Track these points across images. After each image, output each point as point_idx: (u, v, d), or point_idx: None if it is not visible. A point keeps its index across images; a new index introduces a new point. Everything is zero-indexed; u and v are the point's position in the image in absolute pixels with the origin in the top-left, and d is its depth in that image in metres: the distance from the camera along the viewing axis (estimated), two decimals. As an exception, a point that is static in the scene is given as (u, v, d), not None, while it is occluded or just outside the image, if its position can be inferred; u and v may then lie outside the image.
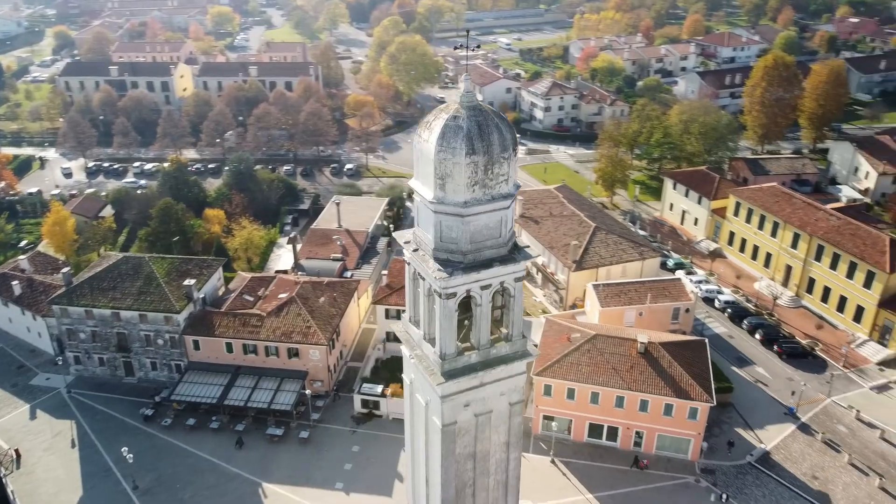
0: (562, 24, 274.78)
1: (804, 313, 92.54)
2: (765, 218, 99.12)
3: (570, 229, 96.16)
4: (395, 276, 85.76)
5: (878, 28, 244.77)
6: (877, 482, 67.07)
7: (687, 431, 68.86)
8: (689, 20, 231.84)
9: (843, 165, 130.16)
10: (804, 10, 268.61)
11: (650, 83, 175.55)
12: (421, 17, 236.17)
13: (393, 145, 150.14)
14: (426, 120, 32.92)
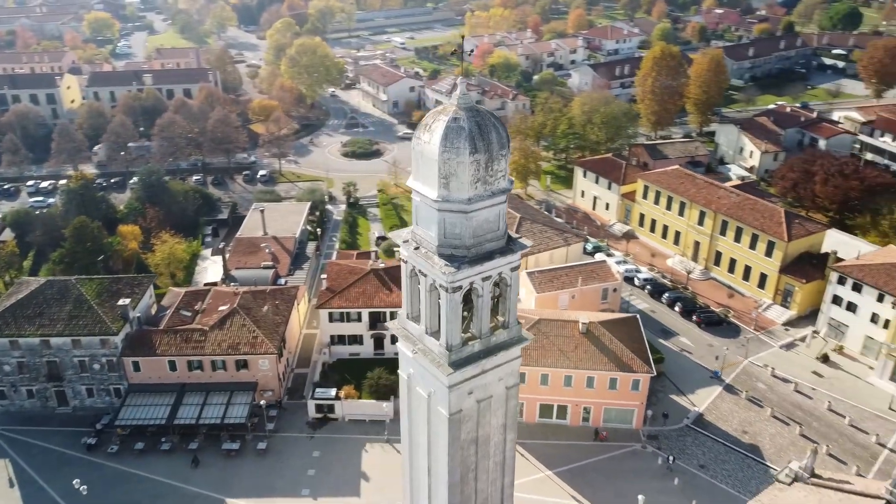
0: (451, 21, 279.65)
1: (714, 284, 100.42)
2: (672, 199, 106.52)
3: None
4: (334, 279, 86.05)
5: (741, 18, 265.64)
6: (797, 430, 74.51)
7: (631, 402, 73.72)
8: (573, 15, 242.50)
9: (730, 146, 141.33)
10: (674, 2, 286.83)
11: (546, 77, 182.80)
12: (313, 19, 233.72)
13: (303, 149, 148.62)
14: (424, 123, 34.30)
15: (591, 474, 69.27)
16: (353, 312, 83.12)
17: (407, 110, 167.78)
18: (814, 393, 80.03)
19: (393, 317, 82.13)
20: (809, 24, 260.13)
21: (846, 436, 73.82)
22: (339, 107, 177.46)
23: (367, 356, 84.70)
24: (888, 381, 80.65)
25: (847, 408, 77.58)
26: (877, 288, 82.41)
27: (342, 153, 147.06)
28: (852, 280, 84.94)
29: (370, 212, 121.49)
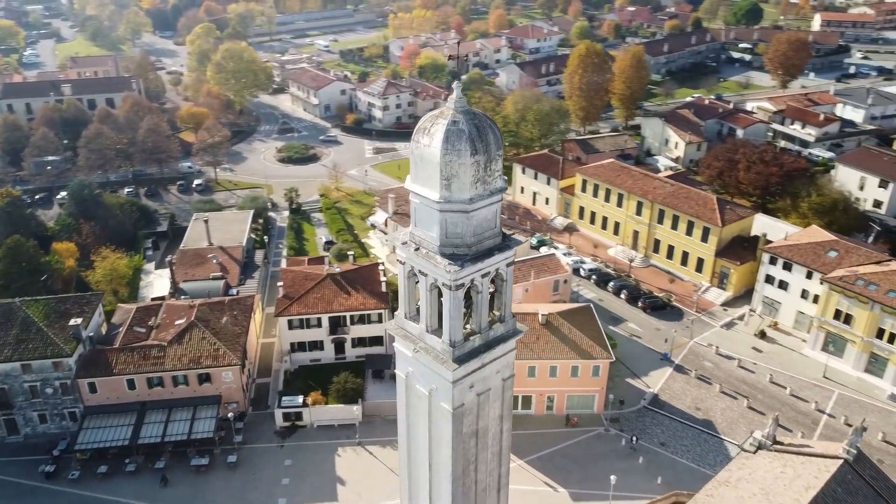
0: (372, 23, 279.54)
1: (655, 271, 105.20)
2: (610, 191, 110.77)
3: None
4: (290, 285, 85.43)
5: (652, 15, 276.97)
6: (745, 403, 79.37)
7: (592, 388, 76.69)
8: (494, 15, 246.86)
9: (655, 138, 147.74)
10: (589, 1, 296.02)
11: (474, 77, 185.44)
12: (234, 23, 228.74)
13: (237, 156, 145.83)
14: (422, 127, 35.22)
15: (561, 460, 71.74)
16: (313, 318, 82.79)
17: (339, 113, 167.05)
18: (755, 367, 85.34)
19: (353, 320, 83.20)
20: (715, 20, 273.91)
21: (788, 405, 79.18)
22: (269, 112, 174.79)
23: (329, 361, 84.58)
24: (820, 351, 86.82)
25: (786, 379, 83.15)
26: (805, 266, 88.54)
27: (278, 159, 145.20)
28: (783, 260, 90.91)
29: (314, 217, 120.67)
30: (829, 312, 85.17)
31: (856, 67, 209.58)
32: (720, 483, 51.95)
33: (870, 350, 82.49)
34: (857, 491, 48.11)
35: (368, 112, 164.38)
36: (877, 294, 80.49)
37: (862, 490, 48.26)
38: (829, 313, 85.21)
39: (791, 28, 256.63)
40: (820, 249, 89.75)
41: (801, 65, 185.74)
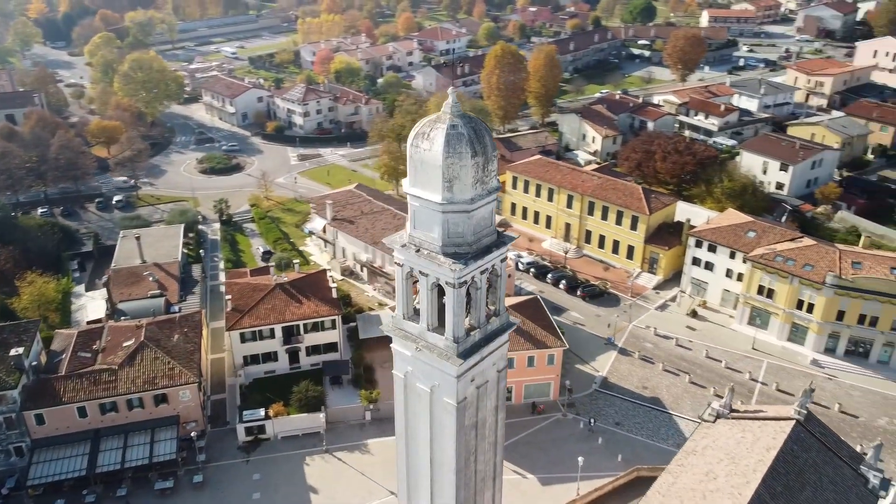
0: (278, 28, 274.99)
1: (589, 261, 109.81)
2: (540, 186, 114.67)
3: (386, 223, 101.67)
4: (238, 298, 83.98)
5: (553, 15, 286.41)
6: (686, 379, 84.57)
7: (548, 376, 79.68)
8: (402, 18, 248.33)
9: (573, 134, 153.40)
10: (491, 3, 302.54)
11: (390, 80, 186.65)
12: (134, 31, 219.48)
13: (156, 169, 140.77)
14: (421, 132, 36.31)
15: (525, 448, 74.21)
16: (266, 330, 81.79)
17: (257, 121, 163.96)
18: (692, 345, 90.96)
19: (307, 329, 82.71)
20: (612, 19, 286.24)
21: (725, 377, 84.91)
22: (183, 123, 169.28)
23: (284, 372, 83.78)
24: (747, 325, 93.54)
25: (720, 353, 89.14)
26: (728, 247, 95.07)
27: (199, 170, 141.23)
28: (707, 242, 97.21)
29: (247, 227, 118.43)
30: (752, 289, 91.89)
31: (744, 60, 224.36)
32: (688, 453, 55.55)
33: (791, 321, 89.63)
34: (810, 447, 52.81)
35: (289, 119, 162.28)
36: (794, 269, 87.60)
37: (815, 446, 53.00)
38: (752, 289, 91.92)
39: (682, 25, 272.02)
40: (740, 231, 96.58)
41: (697, 59, 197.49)
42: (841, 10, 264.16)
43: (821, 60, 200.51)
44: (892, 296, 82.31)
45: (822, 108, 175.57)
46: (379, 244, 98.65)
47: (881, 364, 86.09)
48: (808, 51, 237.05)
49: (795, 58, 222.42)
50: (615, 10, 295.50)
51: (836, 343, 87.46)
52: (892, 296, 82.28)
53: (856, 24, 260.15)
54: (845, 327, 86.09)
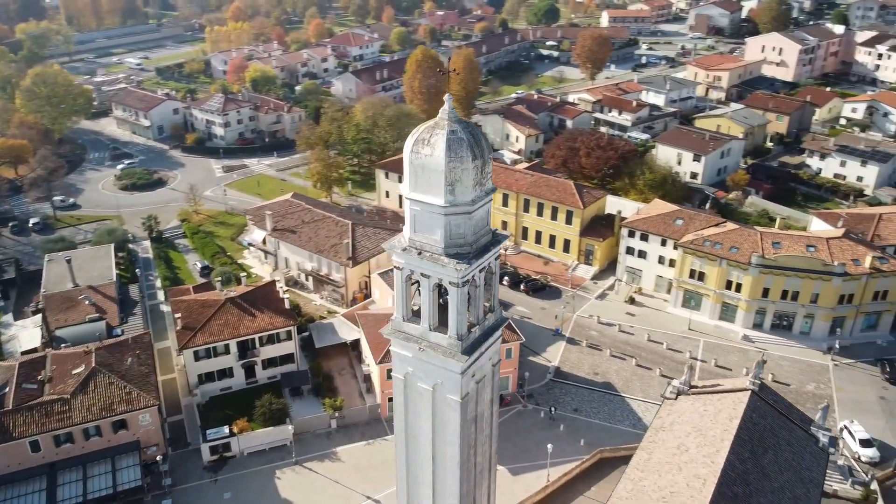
0: (181, 38, 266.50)
1: (527, 256, 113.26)
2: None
3: (329, 231, 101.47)
4: (187, 316, 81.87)
5: (461, 18, 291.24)
6: (633, 362, 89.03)
7: (506, 369, 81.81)
8: (313, 24, 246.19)
9: (496, 134, 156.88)
10: (399, 7, 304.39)
11: (309, 87, 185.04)
12: (28, 44, 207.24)
13: (72, 188, 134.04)
14: (421, 138, 37.38)
15: (492, 441, 76.15)
16: (220, 346, 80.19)
17: (175, 134, 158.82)
18: (633, 329, 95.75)
19: (262, 342, 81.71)
20: (518, 21, 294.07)
21: (668, 357, 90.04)
22: (94, 138, 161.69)
23: (240, 387, 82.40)
24: (681, 308, 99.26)
25: (660, 336, 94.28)
26: (659, 235, 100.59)
27: (119, 187, 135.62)
28: (639, 232, 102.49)
29: (179, 244, 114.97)
30: (684, 273, 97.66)
31: (646, 58, 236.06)
32: (657, 429, 59.15)
33: (721, 300, 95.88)
34: (766, 414, 57.41)
35: (208, 130, 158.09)
36: (722, 252, 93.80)
37: (770, 413, 57.67)
38: (685, 274, 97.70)
39: (583, 25, 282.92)
40: (668, 219, 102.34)
41: (605, 58, 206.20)
42: (728, 9, 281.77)
43: (717, 56, 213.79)
44: (809, 271, 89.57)
45: (721, 100, 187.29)
46: (325, 252, 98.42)
47: (803, 335, 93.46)
48: (702, 47, 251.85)
49: (693, 55, 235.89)
50: (519, 12, 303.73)
51: (763, 318, 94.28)
52: (810, 271, 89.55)
53: (742, 21, 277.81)
54: (770, 303, 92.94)
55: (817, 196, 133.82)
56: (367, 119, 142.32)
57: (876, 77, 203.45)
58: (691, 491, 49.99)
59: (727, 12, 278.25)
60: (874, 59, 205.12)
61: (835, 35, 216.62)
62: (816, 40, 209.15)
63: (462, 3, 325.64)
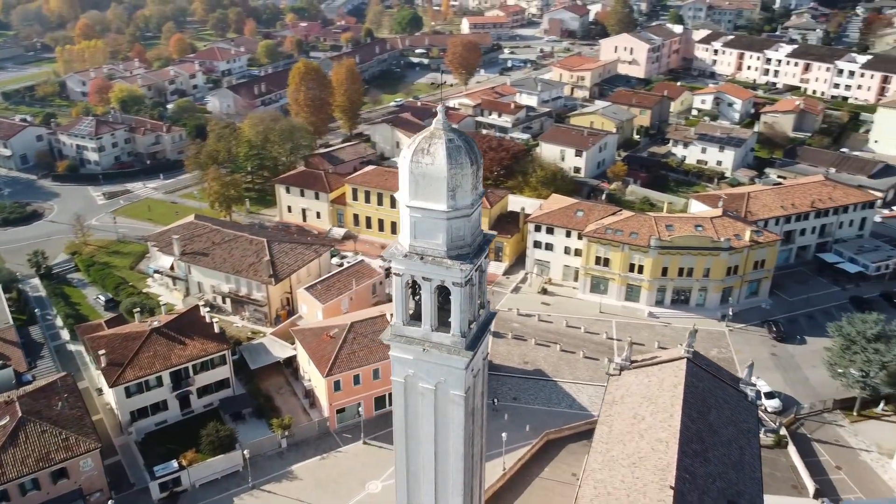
0: (23, 59, 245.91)
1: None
2: (382, 195, 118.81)
3: (244, 250, 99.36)
4: (111, 351, 77.61)
5: (325, 29, 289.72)
6: (558, 348, 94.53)
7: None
8: (174, 40, 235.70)
9: (387, 142, 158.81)
10: (258, 19, 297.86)
11: (183, 105, 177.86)
12: None
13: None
14: (420, 148, 39.11)
15: (443, 438, 78.45)
16: (152, 379, 76.82)
17: (41, 162, 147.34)
18: (551, 318, 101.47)
19: (196, 369, 79.34)
20: (381, 30, 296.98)
21: (587, 340, 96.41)
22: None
23: (176, 419, 79.35)
24: (590, 293, 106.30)
25: (577, 321, 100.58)
26: (564, 227, 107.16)
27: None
28: (545, 226, 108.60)
29: (73, 278, 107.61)
30: (590, 260, 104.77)
31: (511, 62, 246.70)
32: (610, 404, 64.11)
33: (626, 283, 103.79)
34: (703, 378, 63.88)
35: (80, 156, 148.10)
36: (623, 238, 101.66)
37: (705, 377, 64.19)
38: (591, 261, 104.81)
39: (446, 32, 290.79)
40: (570, 212, 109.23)
41: (475, 63, 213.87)
42: (577, 12, 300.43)
43: (578, 58, 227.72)
44: (701, 248, 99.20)
45: (586, 99, 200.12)
46: (243, 272, 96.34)
47: (699, 307, 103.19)
48: (559, 50, 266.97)
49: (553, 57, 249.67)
50: (382, 21, 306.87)
51: (664, 295, 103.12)
52: (701, 248, 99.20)
53: (590, 23, 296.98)
54: (669, 281, 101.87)
55: (686, 181, 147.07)
56: (257, 135, 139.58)
57: (714, 71, 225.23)
58: (657, 454, 55.00)
59: (577, 16, 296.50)
60: (711, 55, 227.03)
61: (675, 34, 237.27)
62: (661, 39, 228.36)
63: (323, 13, 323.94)
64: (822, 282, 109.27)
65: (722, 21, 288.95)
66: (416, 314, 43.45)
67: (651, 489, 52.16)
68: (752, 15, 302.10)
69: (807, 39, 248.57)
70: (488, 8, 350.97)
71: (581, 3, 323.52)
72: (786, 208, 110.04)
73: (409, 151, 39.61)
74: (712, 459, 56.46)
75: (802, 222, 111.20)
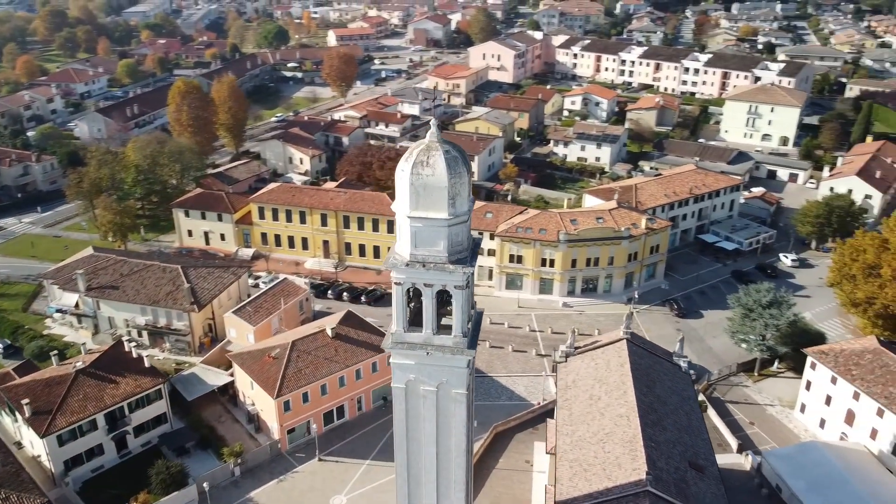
0: None
1: (355, 270, 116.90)
2: (290, 211, 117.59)
3: (158, 279, 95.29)
4: (35, 400, 72.31)
5: (186, 46, 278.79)
6: (487, 345, 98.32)
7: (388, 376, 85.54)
8: (20, 62, 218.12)
9: (278, 159, 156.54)
10: (111, 37, 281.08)
11: (47, 132, 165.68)
12: None
13: None
14: (419, 161, 40.78)
15: (396, 445, 79.70)
16: (86, 423, 72.40)
17: None
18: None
19: (132, 407, 75.93)
20: (246, 44, 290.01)
21: (512, 334, 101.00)
22: None
23: (114, 463, 75.26)
24: (506, 290, 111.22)
25: (499, 317, 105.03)
26: (476, 229, 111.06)
27: None
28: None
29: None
30: (505, 259, 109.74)
31: (385, 72, 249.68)
32: (565, 389, 68.56)
33: (539, 277, 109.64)
34: (642, 355, 69.86)
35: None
36: (534, 235, 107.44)
37: (644, 355, 70.25)
38: (505, 259, 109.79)
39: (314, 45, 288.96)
40: (478, 215, 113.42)
41: (352, 75, 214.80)
42: (440, 22, 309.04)
43: (450, 66, 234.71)
44: (605, 239, 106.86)
45: (463, 105, 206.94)
46: (161, 302, 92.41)
47: (606, 293, 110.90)
48: (427, 59, 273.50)
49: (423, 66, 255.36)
50: (246, 36, 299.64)
51: (574, 286, 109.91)
52: (605, 239, 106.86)
53: (453, 32, 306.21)
54: (578, 272, 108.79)
55: (570, 178, 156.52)
56: (145, 158, 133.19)
57: (575, 74, 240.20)
58: (622, 428, 59.81)
59: (440, 25, 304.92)
60: (571, 58, 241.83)
61: (537, 41, 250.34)
62: (525, 46, 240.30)
63: (180, 29, 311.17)
64: (706, 260, 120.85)
65: (574, 26, 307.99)
66: (413, 321, 45.13)
67: (624, 460, 56.79)
68: (598, 20, 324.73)
69: (651, 41, 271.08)
70: (350, 20, 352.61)
71: (442, 14, 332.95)
72: (669, 196, 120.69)
73: (407, 165, 41.26)
74: (668, 427, 62.15)
75: (684, 208, 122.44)
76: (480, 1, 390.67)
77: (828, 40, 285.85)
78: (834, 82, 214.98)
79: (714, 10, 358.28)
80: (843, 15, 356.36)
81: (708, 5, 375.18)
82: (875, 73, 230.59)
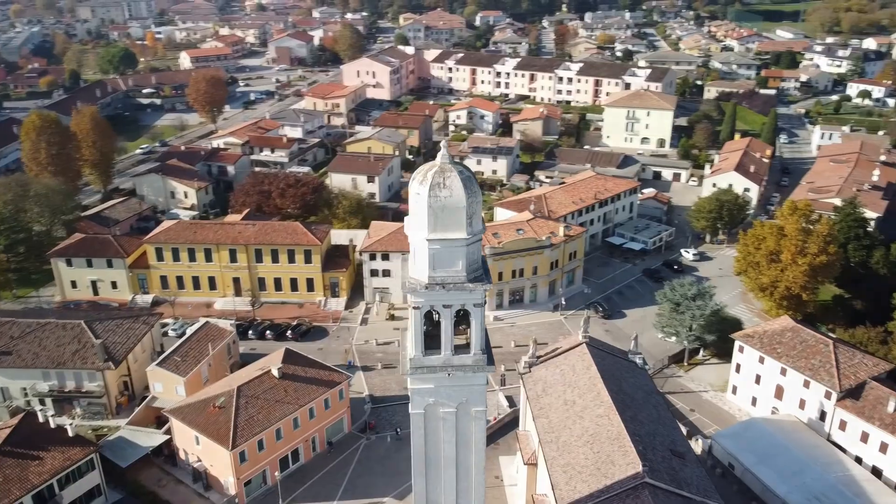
0: None
1: (272, 306, 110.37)
2: (194, 250, 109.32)
3: (59, 338, 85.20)
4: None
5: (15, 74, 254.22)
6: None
7: (340, 411, 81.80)
8: None
9: (158, 194, 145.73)
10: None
11: None
12: None
13: None
14: (435, 183, 38.92)
15: (360, 479, 76.03)
16: None
17: None
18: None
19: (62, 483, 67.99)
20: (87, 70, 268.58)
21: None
22: None
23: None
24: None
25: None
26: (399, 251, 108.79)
27: None
28: (380, 253, 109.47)
29: None
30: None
31: (254, 95, 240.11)
32: (536, 398, 68.50)
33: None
34: (604, 356, 71.37)
35: None
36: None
37: (605, 356, 71.77)
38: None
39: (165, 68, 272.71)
40: (398, 237, 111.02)
41: (222, 99, 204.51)
42: (303, 40, 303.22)
43: (325, 85, 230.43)
44: (529, 250, 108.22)
45: (344, 125, 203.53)
46: (67, 363, 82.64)
47: (532, 303, 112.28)
48: (295, 78, 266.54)
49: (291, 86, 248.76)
50: (85, 60, 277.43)
51: (502, 299, 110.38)
52: (529, 249, 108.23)
53: (318, 50, 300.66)
54: (505, 284, 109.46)
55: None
56: (5, 205, 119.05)
57: (452, 88, 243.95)
58: (605, 427, 60.41)
59: (304, 43, 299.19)
60: (446, 72, 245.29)
61: (409, 55, 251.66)
62: (398, 62, 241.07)
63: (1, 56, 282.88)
64: (616, 262, 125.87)
65: (441, 39, 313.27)
66: (429, 344, 43.14)
67: (616, 457, 57.33)
68: (461, 33, 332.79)
69: (518, 52, 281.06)
70: (199, 40, 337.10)
71: (302, 30, 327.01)
72: (577, 203, 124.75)
73: (423, 188, 39.57)
74: (644, 420, 63.66)
75: (591, 213, 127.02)
76: (339, 17, 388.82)
77: (677, 45, 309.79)
78: (692, 85, 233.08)
79: (570, 19, 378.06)
80: (686, 21, 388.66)
81: (563, 15, 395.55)
82: (724, 75, 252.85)
